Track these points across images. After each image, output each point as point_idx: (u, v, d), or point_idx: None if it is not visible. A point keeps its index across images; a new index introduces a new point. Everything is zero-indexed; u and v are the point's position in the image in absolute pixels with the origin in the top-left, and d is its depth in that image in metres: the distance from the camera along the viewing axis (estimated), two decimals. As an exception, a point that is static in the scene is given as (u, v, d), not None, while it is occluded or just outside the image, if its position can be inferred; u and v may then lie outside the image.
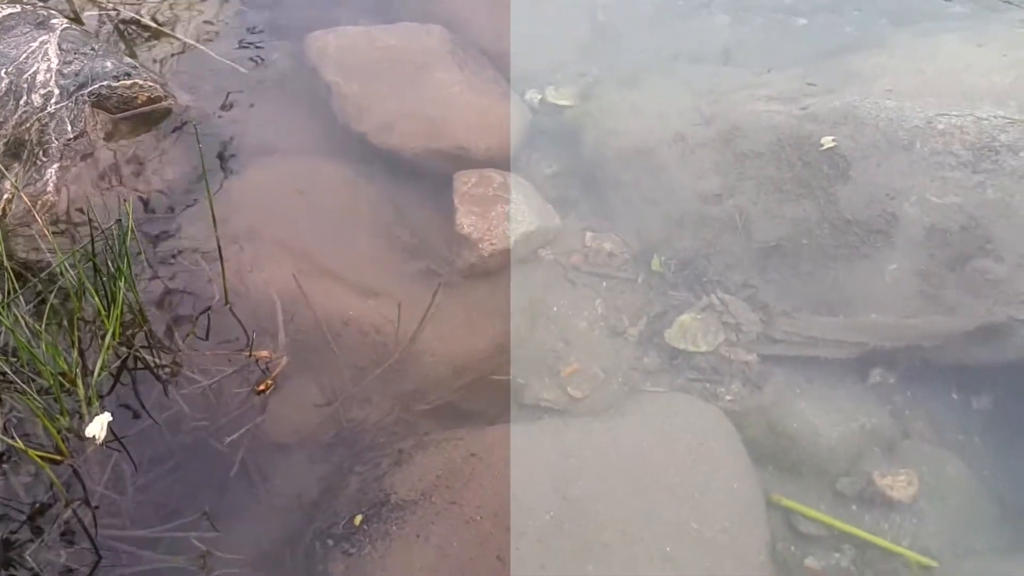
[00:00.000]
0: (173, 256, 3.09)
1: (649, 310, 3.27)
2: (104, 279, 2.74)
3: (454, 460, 2.60)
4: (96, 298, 2.71)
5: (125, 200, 3.07)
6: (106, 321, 2.73)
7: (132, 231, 2.81)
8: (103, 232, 2.91)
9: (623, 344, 3.19)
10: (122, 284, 2.71)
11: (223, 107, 3.74)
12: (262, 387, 2.70)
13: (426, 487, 2.53)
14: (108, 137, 3.50)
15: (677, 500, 2.52)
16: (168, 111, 3.62)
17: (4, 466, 2.51)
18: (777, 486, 2.80)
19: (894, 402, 3.01)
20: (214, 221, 2.82)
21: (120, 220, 2.88)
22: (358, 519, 2.48)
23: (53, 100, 3.44)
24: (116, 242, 2.77)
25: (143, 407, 2.68)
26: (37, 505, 2.45)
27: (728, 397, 3.01)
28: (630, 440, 2.69)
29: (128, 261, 2.74)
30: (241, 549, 2.43)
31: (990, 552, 2.66)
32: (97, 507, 2.47)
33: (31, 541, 2.37)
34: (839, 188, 3.26)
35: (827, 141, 3.37)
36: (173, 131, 3.55)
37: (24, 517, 2.42)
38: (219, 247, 2.89)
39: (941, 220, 3.10)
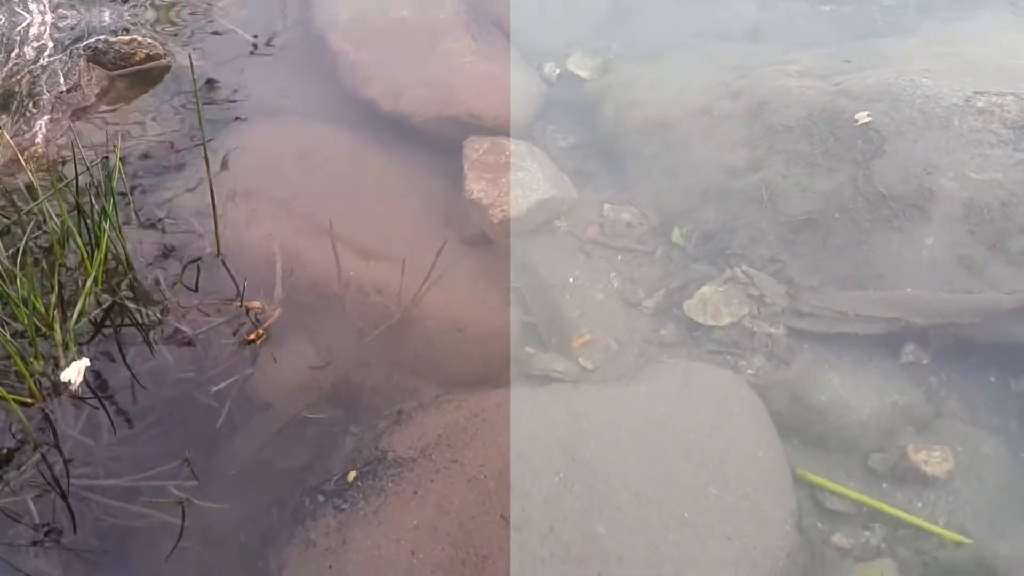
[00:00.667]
0: (164, 209, 2.94)
1: (668, 282, 3.09)
2: (88, 222, 2.58)
3: (457, 420, 2.42)
4: (79, 240, 2.55)
5: (115, 145, 2.91)
6: (88, 266, 2.56)
7: (120, 171, 2.65)
8: (89, 171, 2.75)
9: (639, 316, 3.00)
10: (107, 226, 2.55)
11: (225, 69, 3.61)
12: (252, 336, 2.52)
13: (426, 445, 2.34)
14: (103, 93, 3.37)
15: (695, 466, 2.32)
16: (167, 69, 3.50)
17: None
18: (802, 461, 2.59)
19: (928, 381, 2.81)
20: (208, 170, 2.67)
21: (107, 158, 2.72)
22: (352, 475, 2.29)
23: (47, 53, 3.32)
24: (103, 183, 2.60)
25: (124, 356, 2.51)
26: (3, 449, 2.26)
27: (750, 371, 2.82)
28: (645, 405, 2.50)
29: (114, 203, 2.58)
30: (223, 500, 2.23)
31: (1029, 531, 2.45)
32: (69, 453, 2.28)
33: (-3, 484, 2.19)
34: (874, 162, 3.10)
35: (862, 116, 3.23)
36: (171, 90, 3.42)
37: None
38: (212, 197, 2.73)
39: (980, 196, 2.93)
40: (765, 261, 3.08)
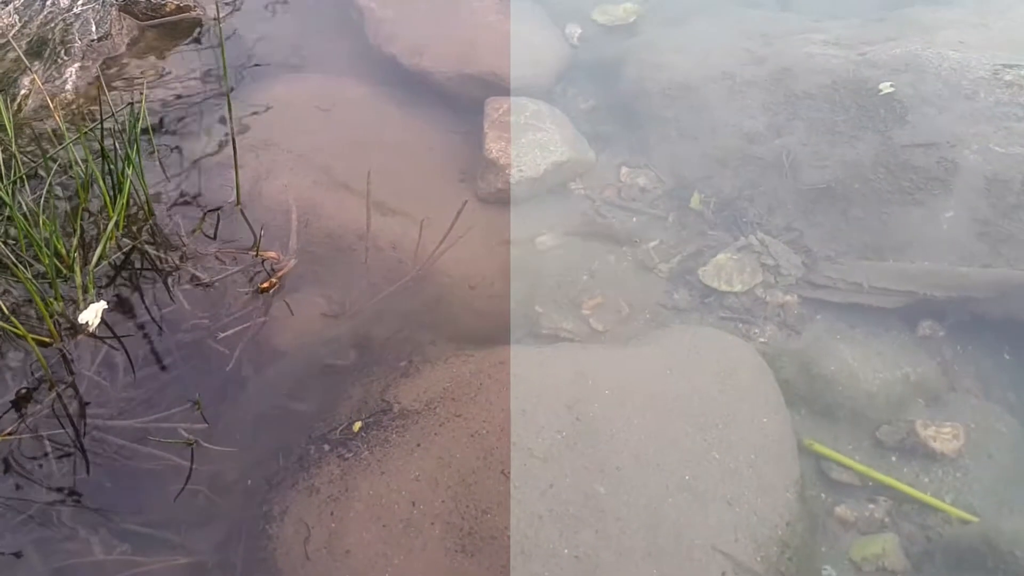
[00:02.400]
0: (187, 158, 2.97)
1: (683, 248, 3.08)
2: (112, 168, 2.62)
3: (462, 375, 2.44)
4: (102, 184, 2.59)
5: (141, 93, 2.94)
6: (110, 210, 2.61)
7: (144, 114, 2.68)
8: (115, 118, 2.78)
9: (653, 280, 3.00)
10: (129, 171, 2.58)
11: (253, 23, 3.62)
12: (266, 285, 2.56)
13: (431, 398, 2.37)
14: (133, 42, 3.40)
15: (699, 429, 2.33)
16: (197, 22, 3.52)
17: (-8, 346, 2.40)
18: (810, 430, 2.59)
19: (942, 355, 2.79)
20: (230, 122, 2.69)
21: (132, 105, 2.75)
22: (357, 425, 2.33)
23: (80, 1, 3.34)
24: (127, 128, 2.64)
25: (142, 300, 2.55)
26: (23, 388, 2.32)
27: (762, 339, 2.81)
28: (652, 367, 2.50)
29: (138, 149, 2.62)
30: (232, 444, 2.28)
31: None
32: (85, 393, 2.33)
33: (14, 421, 2.24)
34: (896, 133, 3.07)
35: (885, 87, 3.19)
36: (199, 42, 3.44)
37: (9, 399, 2.30)
38: (234, 147, 2.76)
39: (1004, 170, 2.89)
40: (782, 229, 3.06)
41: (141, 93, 2.79)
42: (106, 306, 2.43)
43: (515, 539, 2.07)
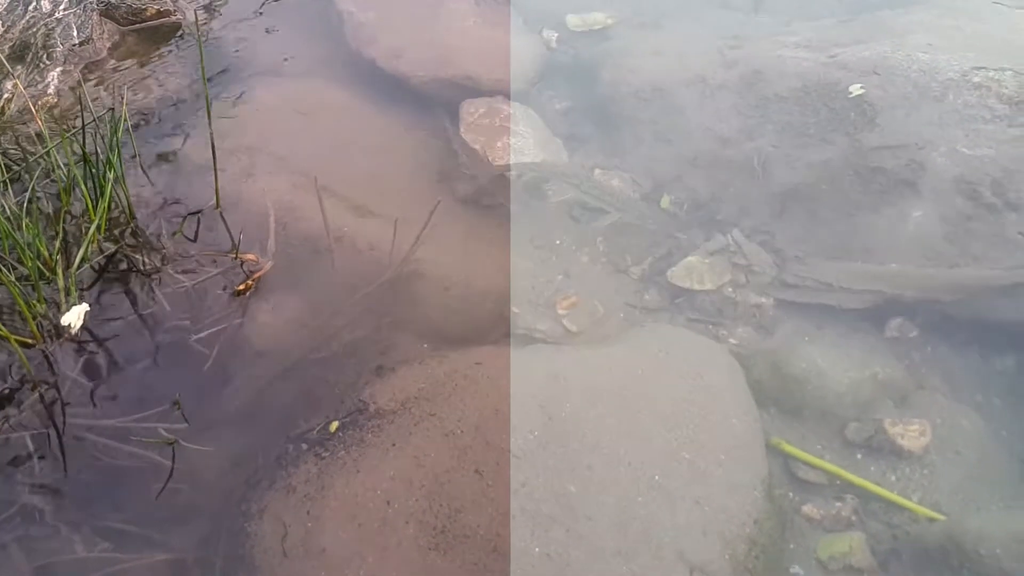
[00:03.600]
0: (169, 161, 3.01)
1: (655, 250, 3.13)
2: (94, 172, 2.66)
3: (437, 375, 2.49)
4: (84, 188, 2.62)
5: (121, 96, 2.97)
6: (92, 213, 2.64)
7: (125, 118, 2.71)
8: (96, 122, 2.82)
9: (626, 281, 3.05)
10: (111, 175, 2.62)
11: (234, 28, 3.65)
12: (242, 287, 2.60)
13: (406, 398, 2.42)
14: (114, 47, 3.43)
15: (670, 429, 2.39)
16: (177, 27, 3.55)
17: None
18: (779, 430, 2.65)
19: (911, 356, 2.84)
20: (210, 125, 2.73)
21: (113, 109, 2.79)
22: (334, 426, 2.38)
23: (62, 6, 3.37)
24: (108, 132, 2.68)
25: (123, 302, 2.59)
26: (5, 389, 2.36)
27: (732, 340, 2.87)
28: (624, 368, 2.56)
29: (119, 152, 2.65)
30: (211, 444, 2.32)
31: (1002, 508, 2.50)
32: (67, 394, 2.37)
33: (-5, 421, 2.29)
34: (865, 135, 3.12)
35: (855, 89, 3.24)
36: (180, 46, 3.47)
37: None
38: (213, 151, 2.80)
39: (971, 172, 2.95)
40: (753, 231, 3.12)
41: (122, 97, 2.81)
42: (88, 308, 2.47)
43: (487, 537, 2.12)
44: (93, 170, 2.63)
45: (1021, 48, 3.32)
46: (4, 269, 2.45)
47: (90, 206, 2.65)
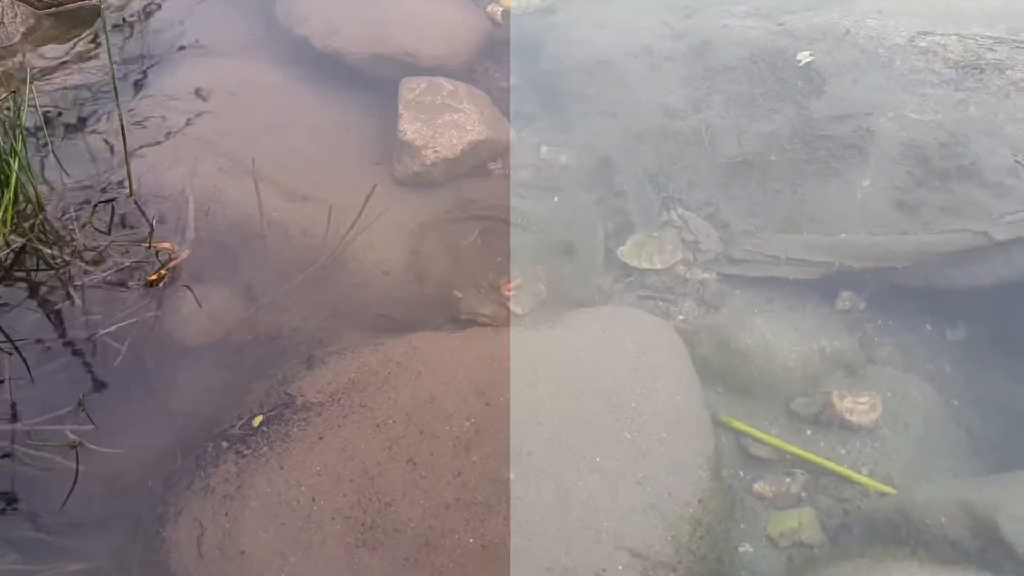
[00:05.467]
0: (82, 149, 2.84)
1: (602, 228, 3.02)
2: (-3, 161, 2.50)
3: (370, 364, 2.36)
4: (-14, 178, 2.47)
5: (27, 81, 2.81)
6: (-4, 206, 2.49)
7: (28, 102, 2.56)
8: (1, 110, 2.66)
9: (572, 260, 2.94)
10: (15, 164, 2.46)
11: (159, 8, 3.49)
12: (154, 277, 2.46)
13: (336, 390, 2.30)
14: (29, 31, 3.26)
15: (611, 409, 2.28)
16: (97, 11, 3.38)
17: None
18: (728, 406, 2.56)
19: (863, 327, 2.78)
20: (119, 110, 2.58)
21: (15, 91, 2.63)
22: (257, 420, 2.25)
23: (-32, -12, 3.20)
24: (12, 116, 2.52)
25: (33, 299, 2.44)
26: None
27: (680, 316, 2.77)
28: (565, 348, 2.45)
29: (23, 140, 2.49)
30: (122, 446, 2.18)
31: (949, 477, 2.43)
32: (-33, 397, 2.23)
33: None
34: (813, 103, 3.03)
35: (804, 56, 3.15)
36: (98, 30, 3.30)
37: None
38: (123, 137, 2.65)
39: (919, 136, 2.87)
40: (701, 204, 3.02)
41: (28, 83, 2.65)
42: (-9, 305, 2.33)
43: (419, 531, 2.01)
44: (-3, 160, 2.48)
45: (966, 12, 3.24)
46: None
47: (-7, 196, 2.49)
